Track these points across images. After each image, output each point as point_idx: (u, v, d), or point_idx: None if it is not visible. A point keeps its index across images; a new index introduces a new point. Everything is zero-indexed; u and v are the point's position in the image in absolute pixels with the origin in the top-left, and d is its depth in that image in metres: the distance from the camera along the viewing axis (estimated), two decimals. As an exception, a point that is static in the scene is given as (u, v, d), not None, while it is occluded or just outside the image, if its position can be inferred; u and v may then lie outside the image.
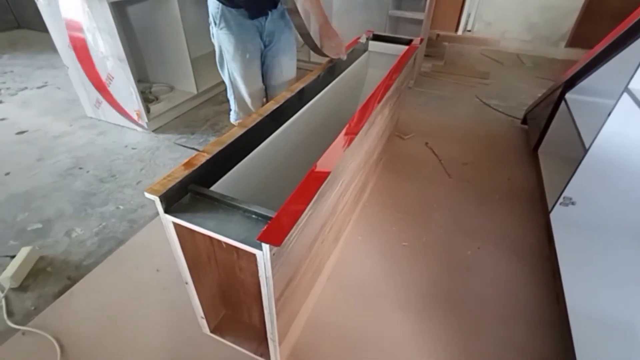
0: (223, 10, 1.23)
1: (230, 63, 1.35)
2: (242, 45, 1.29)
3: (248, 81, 1.38)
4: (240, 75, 1.36)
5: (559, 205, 1.41)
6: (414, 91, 2.79)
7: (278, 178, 1.18)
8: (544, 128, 1.89)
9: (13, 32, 4.04)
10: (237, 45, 1.28)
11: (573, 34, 3.42)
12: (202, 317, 1.02)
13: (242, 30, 1.27)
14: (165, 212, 0.73)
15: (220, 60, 1.38)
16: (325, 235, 1.06)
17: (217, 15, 1.24)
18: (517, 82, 3.00)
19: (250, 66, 1.35)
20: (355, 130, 0.95)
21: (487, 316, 1.19)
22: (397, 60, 1.44)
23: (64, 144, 2.07)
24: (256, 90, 1.43)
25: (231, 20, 1.25)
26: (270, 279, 0.70)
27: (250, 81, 1.39)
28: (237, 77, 1.37)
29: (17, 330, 1.10)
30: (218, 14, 1.24)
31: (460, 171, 1.89)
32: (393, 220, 1.56)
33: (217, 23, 1.27)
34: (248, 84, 1.39)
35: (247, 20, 1.26)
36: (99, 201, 1.65)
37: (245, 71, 1.35)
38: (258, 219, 0.72)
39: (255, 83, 1.41)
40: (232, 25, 1.25)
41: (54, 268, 1.32)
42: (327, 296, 1.23)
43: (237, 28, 1.26)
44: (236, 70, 1.35)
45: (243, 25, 1.27)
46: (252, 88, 1.41)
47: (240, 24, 1.26)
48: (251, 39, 1.31)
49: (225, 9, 1.23)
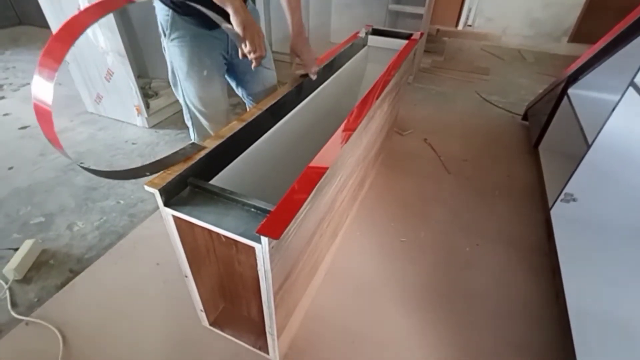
0: (174, 18, 1.02)
1: (183, 82, 1.12)
2: (197, 61, 1.08)
3: (206, 104, 1.16)
4: (196, 97, 1.14)
5: (559, 202, 1.41)
6: (413, 87, 2.78)
7: (277, 172, 1.18)
8: (545, 124, 1.88)
9: (15, 29, 4.05)
10: (191, 60, 1.07)
11: (576, 29, 3.40)
12: (201, 310, 1.04)
13: (198, 42, 1.06)
14: (165, 205, 0.74)
15: (173, 78, 1.16)
16: (324, 230, 1.07)
17: (167, 24, 1.03)
18: (518, 78, 2.99)
19: (208, 85, 1.13)
20: (354, 125, 0.96)
21: (485, 312, 1.19)
22: (397, 55, 1.44)
23: (65, 139, 2.08)
24: (217, 114, 1.20)
25: (184, 30, 1.04)
26: (269, 272, 0.71)
27: (209, 104, 1.16)
28: (192, 98, 1.15)
29: (20, 320, 1.12)
30: (168, 23, 1.03)
31: (459, 167, 1.89)
32: (391, 216, 1.56)
33: (167, 34, 1.05)
34: (207, 107, 1.16)
35: (204, 30, 1.05)
36: (100, 196, 1.66)
37: (203, 92, 1.13)
38: (257, 213, 0.73)
39: (215, 106, 1.18)
40: (186, 36, 1.04)
41: (57, 261, 1.34)
42: (325, 291, 1.24)
43: (192, 40, 1.05)
44: (191, 90, 1.13)
45: (200, 36, 1.06)
46: (212, 111, 1.18)
47: (196, 35, 1.05)
48: (209, 52, 1.09)
49: (177, 17, 1.01)
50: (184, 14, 1.02)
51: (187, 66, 1.08)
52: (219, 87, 1.17)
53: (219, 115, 1.21)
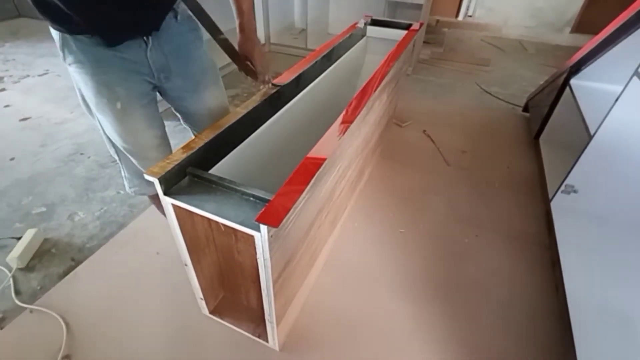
0: (66, 40, 0.79)
1: (97, 114, 0.93)
2: (107, 91, 0.85)
3: (127, 141, 0.95)
4: (114, 131, 0.94)
5: (560, 194, 1.40)
6: (412, 79, 2.77)
7: (276, 162, 1.19)
8: (546, 115, 1.87)
9: (14, 21, 4.03)
10: (99, 91, 0.85)
11: (579, 19, 3.36)
12: (201, 298, 1.05)
13: (103, 68, 0.82)
14: (165, 194, 0.75)
15: (85, 106, 0.96)
16: (322, 220, 1.08)
17: (61, 47, 0.81)
18: (519, 69, 2.97)
19: (125, 119, 0.91)
20: (353, 116, 0.96)
21: (483, 304, 1.20)
22: (396, 45, 1.43)
23: (65, 131, 2.09)
24: (144, 150, 0.98)
25: (81, 53, 0.80)
26: (268, 260, 0.72)
27: (130, 141, 0.95)
28: (110, 133, 0.95)
29: (24, 308, 1.14)
30: (60, 45, 0.80)
31: (458, 159, 1.89)
32: (390, 207, 1.57)
33: (64, 57, 0.82)
34: (128, 143, 0.96)
35: (109, 51, 0.81)
36: (100, 186, 1.67)
37: (120, 126, 0.92)
38: (256, 202, 0.74)
39: (139, 142, 0.96)
40: (85, 62, 0.81)
41: (58, 250, 1.36)
42: (324, 280, 1.25)
43: (96, 66, 0.82)
44: (106, 124, 0.93)
45: (103, 59, 0.81)
46: (137, 148, 0.97)
47: (99, 59, 0.81)
48: (122, 79, 0.85)
49: (70, 38, 0.78)
50: (75, 32, 0.77)
51: (95, 98, 0.87)
52: (140, 120, 0.93)
53: (146, 151, 0.99)
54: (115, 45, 0.81)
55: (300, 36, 3.30)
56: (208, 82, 1.02)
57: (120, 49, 0.82)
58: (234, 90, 2.61)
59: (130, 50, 0.83)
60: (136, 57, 0.85)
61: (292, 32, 3.51)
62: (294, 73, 1.19)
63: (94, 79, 0.83)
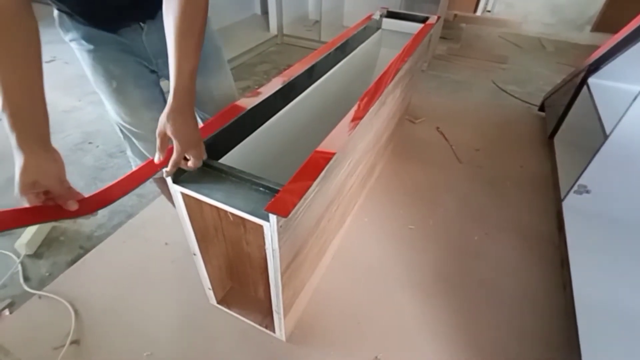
0: (61, 17, 0.81)
1: (97, 91, 0.92)
2: (103, 70, 0.85)
3: (127, 120, 0.93)
4: (114, 110, 0.92)
5: (572, 194, 1.38)
6: (427, 75, 2.72)
7: (286, 154, 1.17)
8: (562, 115, 1.82)
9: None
10: (94, 68, 0.85)
11: (600, 17, 3.26)
12: (209, 288, 1.05)
13: (97, 45, 0.83)
14: (174, 183, 0.74)
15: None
16: (332, 214, 1.06)
17: (58, 24, 0.83)
18: (537, 68, 2.90)
19: (122, 99, 0.89)
20: (365, 111, 0.94)
21: (491, 301, 1.19)
22: (412, 38, 1.40)
23: (73, 119, 2.10)
24: (148, 132, 0.94)
25: (75, 30, 0.81)
26: (277, 250, 0.71)
27: (130, 120, 0.93)
28: (111, 111, 0.94)
29: (33, 294, 1.15)
30: (58, 22, 0.83)
31: (471, 157, 1.86)
32: (400, 203, 1.55)
33: (63, 34, 0.85)
34: (129, 124, 0.94)
35: (101, 31, 0.82)
36: (108, 176, 1.67)
37: (118, 106, 0.91)
38: (266, 192, 0.72)
39: (140, 122, 0.94)
40: (80, 37, 0.82)
41: (67, 237, 1.36)
42: (332, 273, 1.24)
43: (91, 43, 0.82)
44: (107, 102, 0.92)
45: (97, 38, 0.82)
46: (139, 128, 0.95)
47: (93, 37, 0.82)
48: (117, 58, 0.85)
49: (64, 15, 0.81)
50: (73, 12, 0.78)
51: (92, 75, 0.87)
52: (137, 101, 0.91)
53: (148, 134, 0.95)
54: (114, 30, 0.83)
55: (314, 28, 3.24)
56: (210, 68, 0.98)
57: (115, 32, 0.83)
58: (245, 82, 2.59)
59: (125, 32, 0.84)
60: (131, 39, 0.86)
61: (305, 24, 3.44)
62: (306, 65, 1.17)
63: (90, 56, 0.84)
